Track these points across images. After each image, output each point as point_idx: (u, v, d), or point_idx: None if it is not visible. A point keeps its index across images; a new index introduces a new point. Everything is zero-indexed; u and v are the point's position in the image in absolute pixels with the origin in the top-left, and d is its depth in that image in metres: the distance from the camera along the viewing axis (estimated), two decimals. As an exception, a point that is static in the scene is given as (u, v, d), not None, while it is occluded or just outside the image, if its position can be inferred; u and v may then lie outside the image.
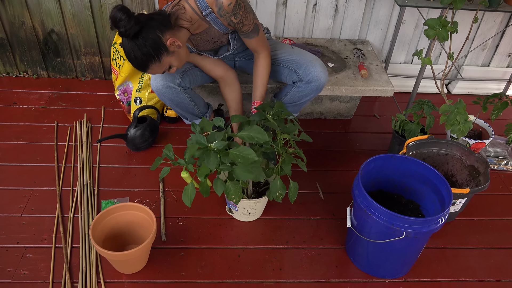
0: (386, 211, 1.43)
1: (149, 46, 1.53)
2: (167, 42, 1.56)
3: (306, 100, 1.98)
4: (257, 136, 1.51)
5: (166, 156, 1.54)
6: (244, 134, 1.52)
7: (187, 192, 1.51)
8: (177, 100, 1.90)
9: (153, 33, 1.53)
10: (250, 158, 1.45)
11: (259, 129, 1.51)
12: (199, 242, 1.78)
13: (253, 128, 1.52)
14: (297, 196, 2.00)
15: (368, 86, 2.21)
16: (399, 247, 1.54)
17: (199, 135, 1.50)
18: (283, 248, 1.79)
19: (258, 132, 1.51)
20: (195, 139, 1.50)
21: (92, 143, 2.24)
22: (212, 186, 1.53)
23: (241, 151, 1.47)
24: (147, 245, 1.55)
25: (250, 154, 1.46)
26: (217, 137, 1.51)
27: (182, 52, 1.64)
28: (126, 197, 1.95)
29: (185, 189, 1.51)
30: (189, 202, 1.49)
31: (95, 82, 2.72)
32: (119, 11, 1.45)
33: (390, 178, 1.75)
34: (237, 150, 1.48)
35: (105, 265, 1.67)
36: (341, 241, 1.83)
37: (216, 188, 1.53)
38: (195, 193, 1.50)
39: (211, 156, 1.47)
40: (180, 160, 1.52)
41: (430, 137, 1.92)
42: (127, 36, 1.50)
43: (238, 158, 1.46)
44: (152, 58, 1.57)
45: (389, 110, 2.67)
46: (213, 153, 1.47)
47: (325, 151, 2.32)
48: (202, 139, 1.50)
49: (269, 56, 1.87)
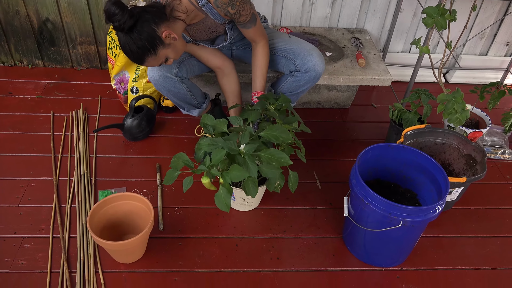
0: (383, 200, 1.44)
1: (144, 40, 1.52)
2: (163, 35, 1.55)
3: (303, 89, 1.98)
4: (281, 135, 1.52)
5: (186, 165, 1.49)
6: (269, 133, 1.53)
7: (221, 199, 1.45)
8: (174, 90, 1.90)
9: (148, 26, 1.51)
10: (283, 162, 1.47)
11: (282, 129, 1.52)
12: (196, 232, 1.79)
13: (276, 128, 1.53)
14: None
15: (366, 75, 2.21)
16: (396, 236, 1.55)
17: (224, 142, 1.48)
18: (281, 237, 1.80)
19: (282, 132, 1.52)
20: (225, 145, 1.47)
21: (88, 133, 2.23)
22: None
23: (273, 154, 1.48)
24: (144, 235, 1.55)
25: (284, 158, 1.47)
26: (243, 139, 1.51)
27: (178, 44, 1.63)
28: (123, 187, 1.95)
29: (218, 196, 1.45)
30: (227, 208, 1.44)
31: (91, 71, 2.70)
32: (113, 5, 1.44)
33: (388, 167, 1.76)
34: (267, 153, 1.48)
35: (103, 255, 1.67)
36: (338, 230, 1.84)
37: (249, 191, 1.51)
38: (230, 198, 1.45)
39: (249, 163, 1.46)
40: (202, 166, 1.47)
41: (427, 126, 1.92)
42: (121, 30, 1.50)
43: (272, 162, 1.47)
44: (148, 52, 1.56)
45: (387, 100, 2.67)
46: (249, 159, 1.46)
47: (322, 140, 2.32)
48: (233, 145, 1.49)
49: (268, 45, 1.86)
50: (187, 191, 1.94)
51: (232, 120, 1.62)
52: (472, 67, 2.85)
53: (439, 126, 2.35)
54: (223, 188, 1.46)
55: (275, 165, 1.48)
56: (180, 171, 1.51)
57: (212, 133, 1.60)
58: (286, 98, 1.75)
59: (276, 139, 1.51)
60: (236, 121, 1.62)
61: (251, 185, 1.52)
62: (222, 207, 1.45)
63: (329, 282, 1.65)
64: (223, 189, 1.46)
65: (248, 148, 1.49)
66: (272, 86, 2.07)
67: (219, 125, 1.60)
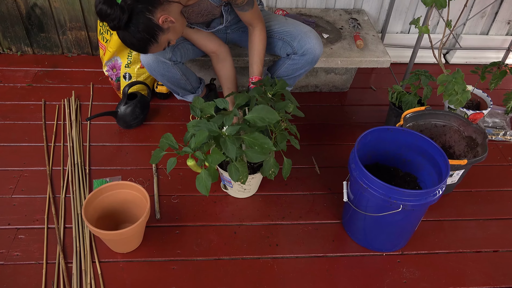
0: (383, 184, 1.45)
1: (142, 32, 1.51)
2: (159, 21, 1.52)
3: (301, 73, 1.97)
4: (267, 116, 1.48)
5: (169, 146, 1.49)
6: (254, 116, 1.49)
7: (202, 181, 1.46)
8: (168, 75, 1.88)
9: (143, 17, 1.49)
10: (266, 148, 1.45)
11: (268, 109, 1.48)
12: (194, 220, 1.80)
13: (261, 109, 1.49)
14: (293, 171, 2.01)
15: (364, 57, 2.20)
16: (396, 220, 1.56)
17: (208, 123, 1.47)
18: (279, 224, 1.81)
19: (268, 112, 1.48)
20: (205, 126, 1.47)
21: (81, 121, 2.22)
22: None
23: (257, 139, 1.46)
24: (141, 223, 1.56)
25: (267, 143, 1.45)
26: (226, 121, 1.50)
27: (177, 26, 1.61)
28: (118, 175, 1.95)
29: (199, 178, 1.47)
30: (206, 191, 1.45)
31: (82, 58, 2.68)
32: (103, 4, 1.41)
33: (387, 150, 1.76)
34: (251, 137, 1.46)
35: (99, 244, 1.68)
36: (337, 215, 1.85)
37: (232, 174, 1.51)
38: (210, 181, 1.46)
39: (228, 144, 1.44)
40: (186, 148, 1.47)
41: (427, 108, 1.92)
42: (118, 29, 1.48)
43: (254, 146, 1.45)
44: (149, 41, 1.55)
45: (386, 82, 2.67)
46: (229, 141, 1.44)
47: (320, 124, 2.32)
48: (213, 126, 1.47)
49: (265, 29, 1.85)
50: (183, 179, 1.95)
51: (218, 102, 1.61)
52: (473, 47, 2.84)
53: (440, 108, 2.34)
54: (205, 171, 1.47)
55: (257, 149, 1.46)
56: (165, 152, 1.51)
57: (199, 116, 1.59)
58: (284, 83, 1.74)
59: (263, 121, 1.48)
60: (222, 104, 1.61)
61: (234, 169, 1.52)
62: (201, 190, 1.46)
63: (329, 267, 1.66)
64: (205, 172, 1.47)
65: (230, 130, 1.48)
66: (268, 70, 2.06)
67: (206, 108, 1.59)
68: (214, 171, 1.49)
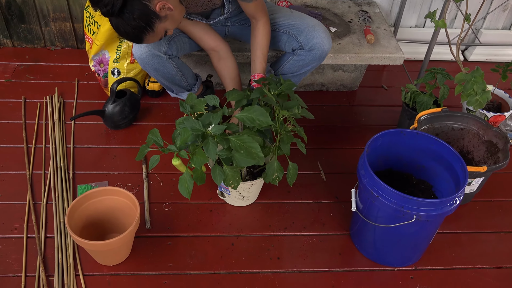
0: (395, 192, 1.45)
1: (137, 19, 1.50)
2: (157, 8, 1.51)
3: (307, 70, 1.98)
4: (258, 118, 1.48)
5: (154, 142, 1.51)
6: (244, 115, 1.49)
7: (184, 183, 1.48)
8: (162, 70, 1.89)
9: (139, 2, 1.48)
10: (253, 153, 1.45)
11: (261, 110, 1.48)
12: (188, 230, 1.80)
13: (254, 109, 1.49)
14: (296, 178, 2.01)
15: (375, 53, 2.21)
16: (409, 232, 1.56)
17: (193, 120, 1.48)
18: (281, 235, 1.81)
19: (261, 114, 1.48)
20: (188, 124, 1.48)
21: (65, 121, 2.23)
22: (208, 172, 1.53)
23: (244, 142, 1.46)
24: (130, 233, 1.56)
25: (254, 148, 1.45)
26: (213, 119, 1.50)
27: (175, 14, 1.59)
28: (105, 180, 1.96)
29: (181, 180, 1.48)
30: (188, 193, 1.47)
31: (66, 51, 2.69)
32: None
33: (400, 155, 1.76)
34: (239, 138, 1.46)
35: (84, 256, 1.68)
36: (345, 226, 1.86)
37: (215, 177, 1.52)
38: (193, 183, 1.48)
39: (209, 144, 1.45)
40: (171, 146, 1.48)
41: (444, 109, 1.92)
42: (111, 15, 1.48)
43: (240, 149, 1.45)
44: (144, 30, 1.53)
45: (399, 80, 2.67)
46: (212, 140, 1.45)
47: (327, 127, 2.32)
48: (197, 124, 1.47)
49: (269, 22, 1.86)
50: (176, 185, 1.95)
51: (209, 99, 1.61)
52: (494, 43, 2.85)
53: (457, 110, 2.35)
54: (188, 171, 1.48)
55: (243, 153, 1.47)
56: (150, 148, 1.53)
57: (188, 113, 1.60)
58: (291, 83, 1.74)
59: (252, 122, 1.48)
60: (212, 101, 1.61)
61: (218, 172, 1.52)
62: (183, 192, 1.48)
63: (335, 284, 1.67)
64: (188, 173, 1.48)
65: (216, 129, 1.48)
66: (272, 67, 2.06)
67: (197, 104, 1.59)
68: (200, 173, 1.51)
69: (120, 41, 2.23)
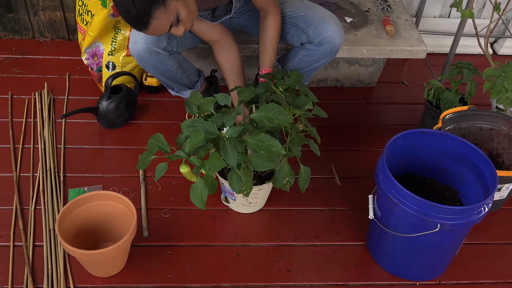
0: (417, 199, 1.45)
1: None
2: None
3: (317, 66, 1.98)
4: (277, 117, 1.48)
5: (160, 149, 1.49)
6: (261, 115, 1.49)
7: (197, 192, 1.45)
8: (162, 68, 1.89)
9: None
10: (274, 151, 1.45)
11: (279, 108, 1.48)
12: (189, 239, 1.80)
13: (271, 108, 1.48)
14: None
15: (395, 45, 2.20)
16: (432, 242, 1.56)
17: (205, 122, 1.47)
18: (291, 245, 1.81)
19: (279, 112, 1.48)
20: (201, 126, 1.47)
21: (55, 119, 2.24)
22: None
23: (263, 141, 1.45)
24: (125, 242, 1.57)
25: (275, 146, 1.44)
26: (227, 121, 1.50)
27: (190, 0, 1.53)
28: (98, 184, 1.96)
29: (193, 189, 1.46)
30: (203, 204, 1.45)
31: (57, 43, 2.70)
32: None
33: (422, 158, 1.76)
34: (256, 139, 1.46)
35: (75, 266, 1.69)
36: (361, 236, 1.85)
37: (232, 184, 1.51)
38: (207, 192, 1.46)
39: (228, 149, 1.44)
40: (179, 152, 1.46)
41: (471, 108, 1.92)
42: None
43: (260, 150, 1.45)
44: (155, 3, 1.42)
45: (421, 76, 2.67)
46: (229, 145, 1.45)
47: (341, 126, 2.32)
48: (210, 126, 1.47)
49: (280, 14, 1.86)
50: (176, 189, 1.96)
51: (219, 98, 1.60)
52: (526, 35, 2.84)
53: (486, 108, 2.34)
54: (201, 180, 1.46)
55: (263, 154, 1.46)
56: (154, 156, 1.50)
57: (195, 114, 1.59)
58: (298, 75, 1.74)
59: (271, 122, 1.48)
60: (223, 100, 1.61)
61: (235, 178, 1.52)
62: (196, 203, 1.45)
63: (350, 298, 1.67)
64: (201, 181, 1.46)
65: (231, 131, 1.48)
66: (279, 61, 2.07)
67: (204, 104, 1.59)
68: (212, 180, 1.50)
69: (116, 32, 2.23)
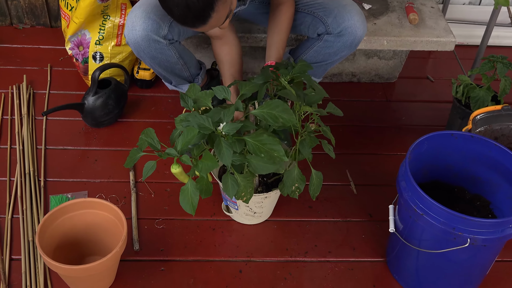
0: (444, 210, 1.45)
1: None
2: None
3: (335, 59, 1.98)
4: (282, 116, 1.47)
5: (148, 145, 1.50)
6: (264, 112, 1.49)
7: (187, 195, 1.47)
8: (160, 58, 1.89)
9: None
10: (275, 157, 1.45)
11: (284, 106, 1.47)
12: (185, 253, 1.81)
13: (275, 104, 1.48)
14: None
15: (419, 36, 2.21)
16: (461, 259, 1.56)
17: (200, 116, 1.47)
18: (301, 260, 1.82)
19: (284, 110, 1.47)
20: (194, 121, 1.47)
21: (35, 116, 2.24)
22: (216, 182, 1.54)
23: (264, 143, 1.45)
24: (114, 256, 1.57)
25: (277, 151, 1.44)
26: (224, 116, 1.50)
27: None
28: (84, 190, 1.97)
29: (183, 191, 1.47)
30: (193, 209, 1.46)
31: (37, 31, 2.71)
32: None
33: (450, 164, 1.76)
34: (257, 139, 1.46)
35: (58, 283, 1.69)
36: (380, 251, 1.86)
37: (227, 188, 1.51)
38: (198, 196, 1.46)
39: (223, 147, 1.44)
40: (170, 149, 1.47)
41: (505, 107, 1.92)
42: None
43: (260, 153, 1.45)
44: None
45: (448, 70, 2.67)
46: (225, 142, 1.45)
47: (358, 127, 2.33)
48: (205, 121, 1.47)
49: (294, 5, 1.87)
50: (171, 196, 1.96)
51: (217, 91, 1.60)
52: None
53: (522, 108, 2.34)
54: (192, 182, 1.47)
55: (264, 157, 1.47)
56: (144, 153, 1.51)
57: (191, 108, 1.60)
58: (304, 65, 1.73)
59: (275, 121, 1.48)
60: (222, 93, 1.61)
61: (230, 181, 1.52)
62: (186, 207, 1.46)
63: (368, 322, 1.67)
64: (192, 183, 1.46)
65: (228, 127, 1.48)
66: (291, 54, 2.07)
67: (202, 98, 1.59)
68: (206, 183, 1.50)
69: (104, 19, 2.24)
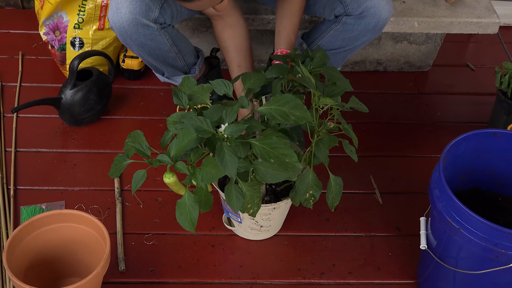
0: (486, 223, 1.44)
1: None
2: None
3: (355, 45, 1.98)
4: (293, 113, 1.47)
5: (137, 151, 1.50)
6: (272, 108, 1.48)
7: (185, 210, 1.46)
8: (150, 46, 1.89)
9: None
10: (287, 163, 1.45)
11: (296, 101, 1.47)
12: (179, 274, 1.81)
13: (285, 99, 1.48)
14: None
15: (457, 16, 2.20)
16: (505, 282, 1.55)
17: (196, 117, 1.47)
18: (316, 283, 1.82)
19: (295, 106, 1.47)
20: (191, 123, 1.47)
21: (3, 113, 2.26)
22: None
23: (274, 147, 1.44)
24: (95, 278, 1.57)
25: (289, 156, 1.44)
26: (226, 116, 1.50)
27: None
28: (60, 200, 1.97)
29: (180, 205, 1.46)
30: (192, 226, 1.46)
31: (6, 12, 2.72)
32: None
33: (492, 169, 1.76)
34: (266, 143, 1.45)
35: (29, 310, 1.70)
36: (410, 271, 1.85)
37: (231, 200, 1.51)
38: (197, 210, 1.46)
39: (226, 154, 1.43)
40: (162, 156, 1.46)
41: (558, 101, 1.91)
42: None
43: (269, 158, 1.45)
44: None
45: (492, 57, 2.66)
46: (227, 147, 1.44)
47: (385, 124, 2.33)
48: (203, 122, 1.46)
49: None
50: (163, 207, 1.96)
51: (216, 85, 1.60)
52: None
53: None
54: (190, 194, 1.46)
55: (273, 163, 1.47)
56: (131, 160, 1.51)
57: (186, 106, 1.59)
58: (324, 55, 1.74)
59: (285, 119, 1.47)
60: (222, 87, 1.61)
61: (235, 193, 1.51)
62: (183, 224, 1.46)
63: None
64: (190, 196, 1.46)
65: (231, 129, 1.47)
66: (304, 39, 2.07)
67: (199, 93, 1.58)
68: (205, 194, 1.50)
69: None
